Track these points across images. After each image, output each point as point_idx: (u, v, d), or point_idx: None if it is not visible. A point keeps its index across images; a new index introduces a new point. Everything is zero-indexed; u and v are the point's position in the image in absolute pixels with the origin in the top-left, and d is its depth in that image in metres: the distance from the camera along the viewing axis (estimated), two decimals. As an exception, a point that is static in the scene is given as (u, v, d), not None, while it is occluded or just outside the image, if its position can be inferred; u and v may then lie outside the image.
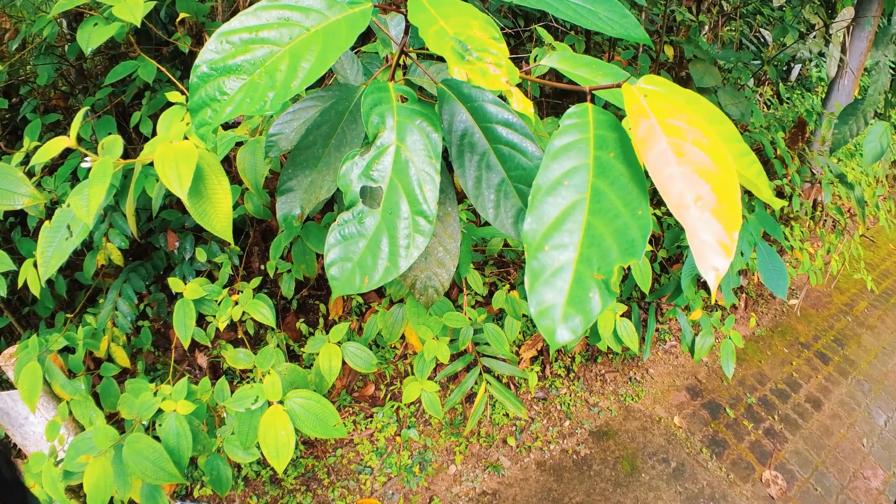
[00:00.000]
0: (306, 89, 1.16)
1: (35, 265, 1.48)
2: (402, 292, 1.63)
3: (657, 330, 3.10)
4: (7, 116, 2.44)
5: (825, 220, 3.70)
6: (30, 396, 1.37)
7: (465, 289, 1.89)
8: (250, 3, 2.00)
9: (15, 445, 2.06)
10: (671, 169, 0.43)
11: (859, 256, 3.46)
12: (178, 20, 1.69)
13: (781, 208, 3.17)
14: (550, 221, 0.44)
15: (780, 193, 3.18)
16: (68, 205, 0.88)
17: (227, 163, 1.88)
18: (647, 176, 0.47)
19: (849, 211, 4.23)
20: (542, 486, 2.23)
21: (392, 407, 2.42)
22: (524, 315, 1.78)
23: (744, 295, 3.41)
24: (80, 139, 2.05)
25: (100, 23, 1.35)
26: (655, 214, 2.35)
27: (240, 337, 2.15)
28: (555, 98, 3.02)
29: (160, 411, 1.24)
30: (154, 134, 1.84)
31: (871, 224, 4.66)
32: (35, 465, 1.28)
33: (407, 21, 0.64)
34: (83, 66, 2.49)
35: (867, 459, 2.52)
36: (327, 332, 1.47)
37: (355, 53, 1.14)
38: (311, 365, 1.75)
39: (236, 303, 1.53)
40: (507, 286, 1.82)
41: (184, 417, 1.21)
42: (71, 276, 2.10)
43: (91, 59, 2.49)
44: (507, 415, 2.49)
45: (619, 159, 0.46)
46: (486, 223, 0.75)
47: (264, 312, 1.47)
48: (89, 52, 1.34)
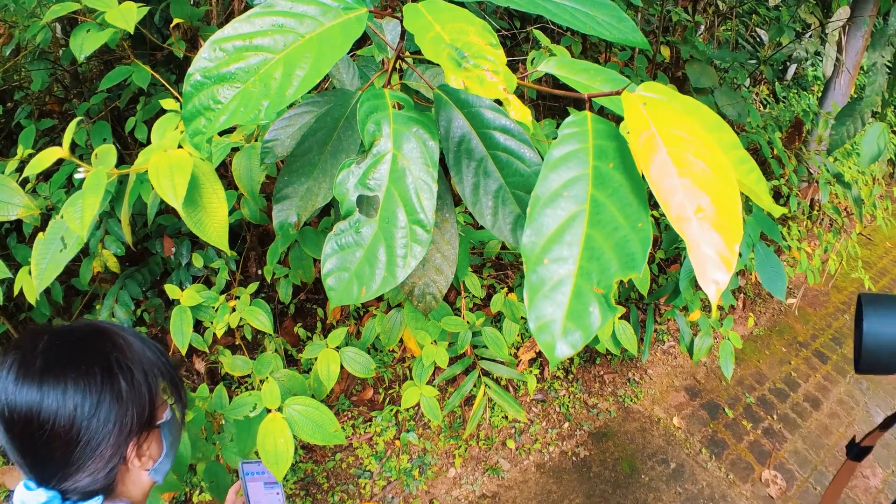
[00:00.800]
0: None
1: (31, 273, 1.47)
2: (401, 297, 1.62)
3: (655, 331, 3.10)
4: (1, 122, 2.42)
5: (822, 220, 3.71)
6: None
7: (463, 292, 1.89)
8: (245, 7, 2.00)
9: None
10: (672, 180, 0.42)
11: (856, 255, 3.46)
12: (172, 25, 1.68)
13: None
14: (549, 234, 0.44)
15: (777, 193, 3.18)
16: (62, 216, 0.87)
17: (223, 168, 1.87)
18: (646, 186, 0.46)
19: (846, 210, 4.24)
20: (541, 488, 2.22)
21: (391, 411, 2.41)
22: (522, 318, 1.78)
23: (742, 295, 3.41)
24: (74, 145, 2.04)
25: (93, 29, 1.34)
26: (653, 216, 2.35)
27: (237, 342, 2.14)
28: (551, 100, 3.02)
29: (157, 419, 1.22)
30: (149, 139, 1.83)
31: (867, 223, 4.67)
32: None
33: (403, 26, 0.63)
34: (78, 70, 2.48)
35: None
36: (325, 337, 1.46)
37: (351, 57, 1.13)
38: (310, 370, 1.74)
39: (233, 308, 1.52)
40: (505, 289, 1.81)
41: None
42: (67, 282, 2.09)
43: (85, 64, 2.48)
44: (506, 417, 2.49)
45: (619, 170, 0.46)
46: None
47: (261, 319, 1.47)
48: (83, 57, 1.34)
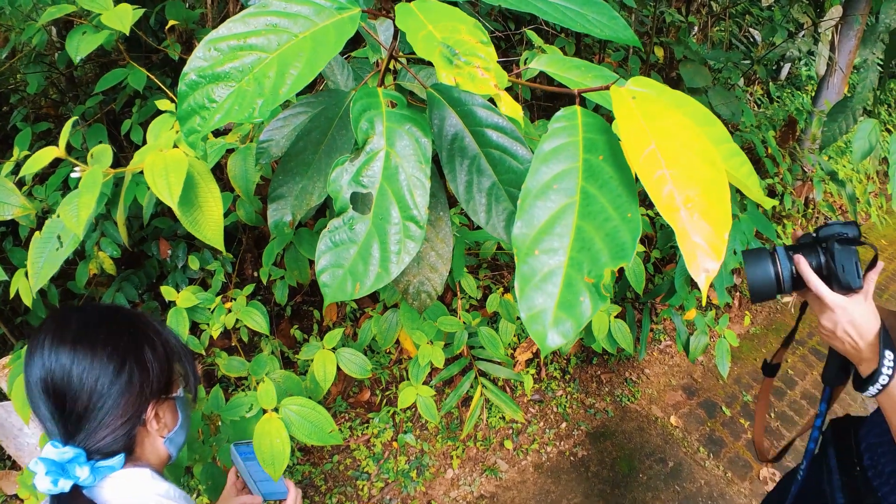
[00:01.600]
0: (297, 95, 1.16)
1: (27, 275, 1.47)
2: (396, 297, 1.63)
3: (652, 330, 3.11)
4: (-3, 126, 2.42)
5: (817, 218, 3.72)
6: (24, 408, 1.35)
7: (459, 293, 1.89)
8: (239, 9, 2.00)
9: (9, 457, 2.03)
10: (660, 172, 0.43)
11: (851, 253, 3.47)
12: (167, 27, 1.68)
13: (774, 206, 3.19)
14: (540, 226, 0.44)
15: (771, 192, 3.20)
16: (58, 215, 0.88)
17: (219, 170, 1.88)
18: (636, 179, 0.47)
19: (841, 208, 4.26)
20: (539, 488, 2.22)
21: (388, 412, 2.41)
22: (518, 318, 1.78)
23: (738, 293, 3.42)
24: (70, 148, 2.04)
25: (88, 31, 1.34)
26: (648, 215, 2.36)
27: (234, 344, 2.14)
28: (546, 101, 3.03)
29: (154, 421, 1.22)
30: (145, 142, 1.83)
31: (862, 221, 4.69)
32: (30, 478, 1.27)
33: (396, 26, 0.64)
34: (73, 73, 2.48)
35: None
36: (322, 339, 1.46)
37: (346, 59, 1.14)
38: (306, 371, 1.74)
39: (230, 310, 1.52)
40: (501, 289, 1.82)
41: (178, 427, 1.20)
42: (63, 285, 2.08)
43: (81, 67, 2.48)
44: (503, 418, 2.49)
45: (609, 162, 0.46)
46: (479, 227, 0.75)
47: (258, 320, 1.47)
48: (78, 60, 1.34)
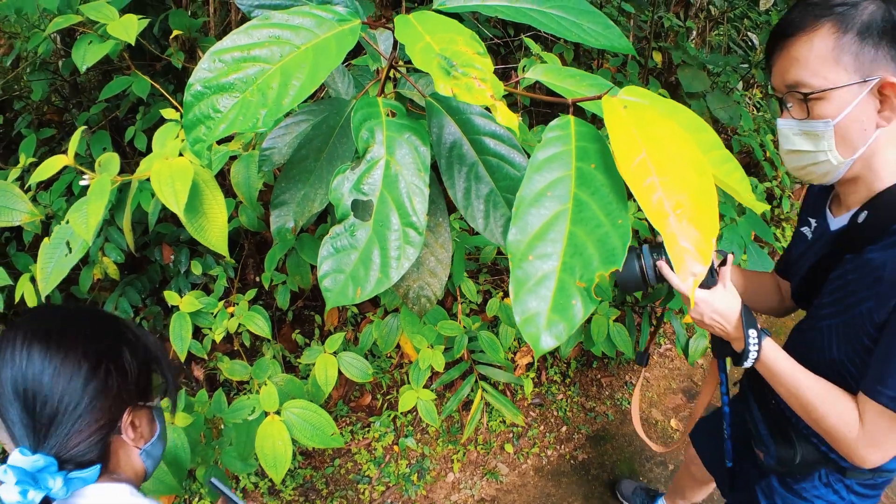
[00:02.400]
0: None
1: (32, 280, 1.49)
2: (397, 302, 1.64)
3: (651, 333, 3.11)
4: (1, 132, 2.44)
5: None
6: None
7: (459, 297, 1.90)
8: (242, 19, 2.03)
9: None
10: (650, 179, 0.44)
11: (850, 256, 3.48)
12: (172, 36, 1.71)
13: (773, 210, 3.21)
14: (534, 232, 0.46)
15: (770, 195, 3.21)
16: (67, 221, 0.89)
17: (222, 176, 1.90)
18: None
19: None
20: (540, 491, 2.23)
21: (389, 416, 2.42)
22: (519, 321, 1.80)
23: (738, 297, 3.43)
24: (74, 155, 2.06)
25: (94, 40, 1.36)
26: (647, 220, 2.37)
27: (236, 349, 2.16)
28: (544, 107, 3.05)
29: (157, 425, 1.24)
30: (148, 149, 1.85)
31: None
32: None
33: (395, 36, 0.66)
34: (77, 80, 2.51)
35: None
36: (323, 343, 1.48)
37: (346, 67, 1.16)
38: (308, 376, 1.76)
39: (232, 315, 1.54)
40: (501, 294, 1.83)
41: (182, 430, 1.21)
42: (67, 290, 2.10)
43: (84, 74, 2.50)
44: (504, 421, 2.50)
45: (600, 170, 0.48)
46: (478, 232, 0.76)
47: (260, 324, 1.48)
48: (84, 69, 1.36)
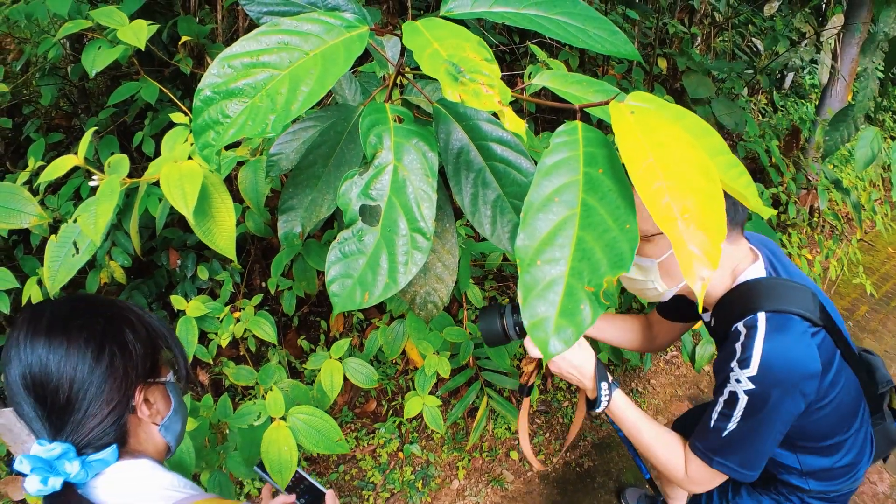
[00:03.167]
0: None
1: (39, 282, 1.50)
2: (403, 308, 1.64)
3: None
4: (11, 136, 2.47)
5: (823, 226, 3.72)
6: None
7: (465, 303, 1.90)
8: (249, 25, 2.05)
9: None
10: (658, 183, 0.44)
11: (857, 261, 3.46)
12: (180, 42, 1.72)
13: (779, 215, 3.19)
14: (542, 237, 0.46)
15: (776, 201, 3.20)
16: (75, 220, 0.90)
17: (229, 182, 1.91)
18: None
19: (846, 216, 4.25)
20: (545, 498, 2.21)
21: (394, 422, 2.42)
22: (524, 327, 1.79)
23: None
24: (84, 160, 2.07)
25: (104, 46, 1.38)
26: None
27: (241, 354, 2.16)
28: (550, 113, 3.06)
29: (163, 429, 1.24)
30: (156, 153, 1.87)
31: (869, 228, 4.67)
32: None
33: (403, 43, 0.66)
34: (85, 85, 2.53)
35: (873, 465, 2.51)
36: (328, 349, 1.48)
37: (353, 73, 1.17)
38: (313, 381, 1.76)
39: (238, 320, 1.54)
40: (507, 300, 1.83)
41: (187, 434, 1.21)
42: (74, 293, 2.11)
43: (93, 80, 2.53)
44: (509, 428, 2.48)
45: (608, 175, 0.48)
46: (485, 238, 0.77)
47: (266, 329, 1.49)
48: (94, 73, 1.38)
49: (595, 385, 1.09)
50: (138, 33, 1.22)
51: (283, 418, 1.19)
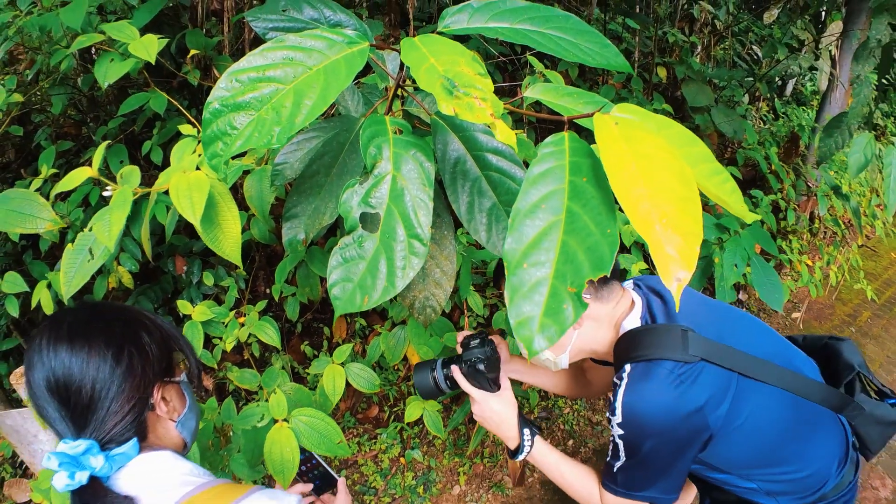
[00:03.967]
0: (309, 119, 1.22)
1: (48, 286, 1.54)
2: (404, 314, 1.67)
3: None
4: (21, 143, 2.52)
5: (823, 233, 3.73)
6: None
7: (466, 310, 1.93)
8: (254, 38, 2.09)
9: (22, 463, 2.08)
10: (638, 191, 0.47)
11: (858, 266, 3.47)
12: (189, 56, 1.77)
13: (779, 222, 3.20)
14: (529, 241, 0.49)
15: (775, 208, 3.21)
16: (90, 229, 0.94)
17: (235, 190, 1.94)
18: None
19: (847, 222, 4.26)
20: (547, 504, 2.23)
21: (396, 428, 2.44)
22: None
23: (745, 309, 3.42)
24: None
25: (116, 58, 1.42)
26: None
27: (245, 359, 2.19)
28: (550, 123, 3.09)
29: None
30: (164, 162, 1.91)
31: (871, 234, 4.67)
32: (44, 483, 1.31)
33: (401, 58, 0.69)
34: (95, 95, 2.58)
35: (875, 469, 2.50)
36: (331, 354, 1.50)
37: (356, 85, 1.20)
38: (316, 387, 1.78)
39: (242, 325, 1.57)
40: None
41: (192, 436, 1.24)
42: (80, 298, 2.15)
43: (102, 90, 2.58)
44: (511, 433, 2.50)
45: (592, 183, 0.51)
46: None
47: (270, 334, 1.51)
48: (105, 85, 1.42)
49: (518, 433, 1.14)
50: (149, 48, 1.26)
51: (286, 420, 1.22)
